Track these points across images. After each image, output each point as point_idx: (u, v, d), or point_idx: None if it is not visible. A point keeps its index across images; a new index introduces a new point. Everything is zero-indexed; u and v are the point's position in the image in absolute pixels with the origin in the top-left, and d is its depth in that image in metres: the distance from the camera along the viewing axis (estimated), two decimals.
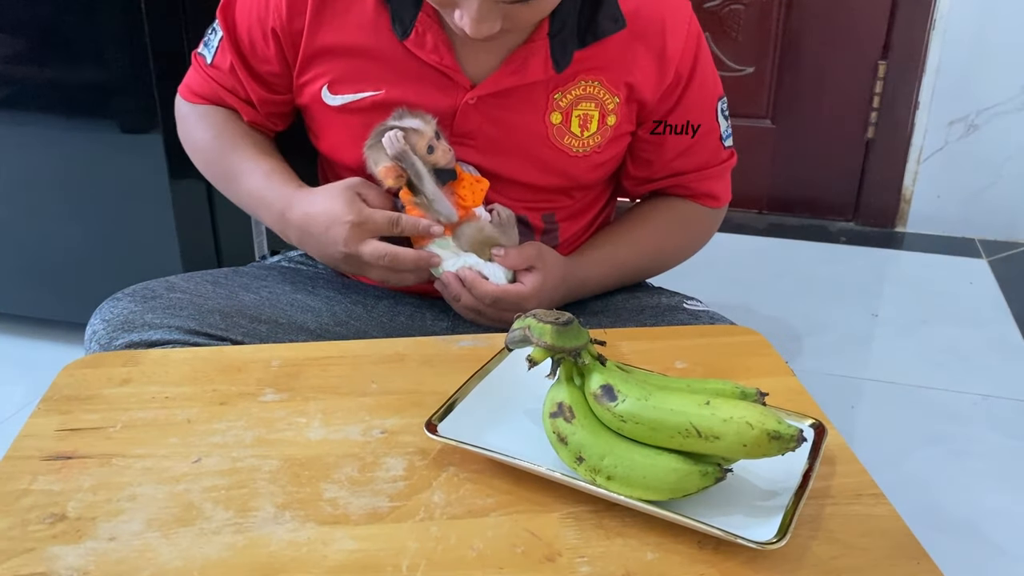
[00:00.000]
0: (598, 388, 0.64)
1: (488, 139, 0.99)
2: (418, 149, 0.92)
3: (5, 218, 1.95)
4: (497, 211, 0.97)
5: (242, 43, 1.02)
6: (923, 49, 2.60)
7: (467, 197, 0.95)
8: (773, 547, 0.56)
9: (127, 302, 0.92)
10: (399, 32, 0.95)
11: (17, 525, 0.61)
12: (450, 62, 0.96)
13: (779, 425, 0.58)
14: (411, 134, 0.92)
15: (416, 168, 0.92)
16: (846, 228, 2.78)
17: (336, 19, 0.97)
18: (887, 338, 2.07)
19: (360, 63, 0.98)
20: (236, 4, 1.03)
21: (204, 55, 1.07)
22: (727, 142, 1.11)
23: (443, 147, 0.93)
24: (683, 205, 1.12)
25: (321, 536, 0.60)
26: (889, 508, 0.64)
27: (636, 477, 0.60)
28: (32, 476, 0.66)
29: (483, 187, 0.96)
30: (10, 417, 1.69)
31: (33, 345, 1.94)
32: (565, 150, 1.01)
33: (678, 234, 1.14)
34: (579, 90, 0.99)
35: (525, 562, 0.58)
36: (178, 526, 0.61)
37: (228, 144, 1.05)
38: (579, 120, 1.00)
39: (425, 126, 0.92)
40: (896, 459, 1.59)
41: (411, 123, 0.92)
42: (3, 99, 1.90)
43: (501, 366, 0.77)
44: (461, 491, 0.65)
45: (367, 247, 0.90)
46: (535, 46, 0.96)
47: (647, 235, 1.11)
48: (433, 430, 0.67)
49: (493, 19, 0.84)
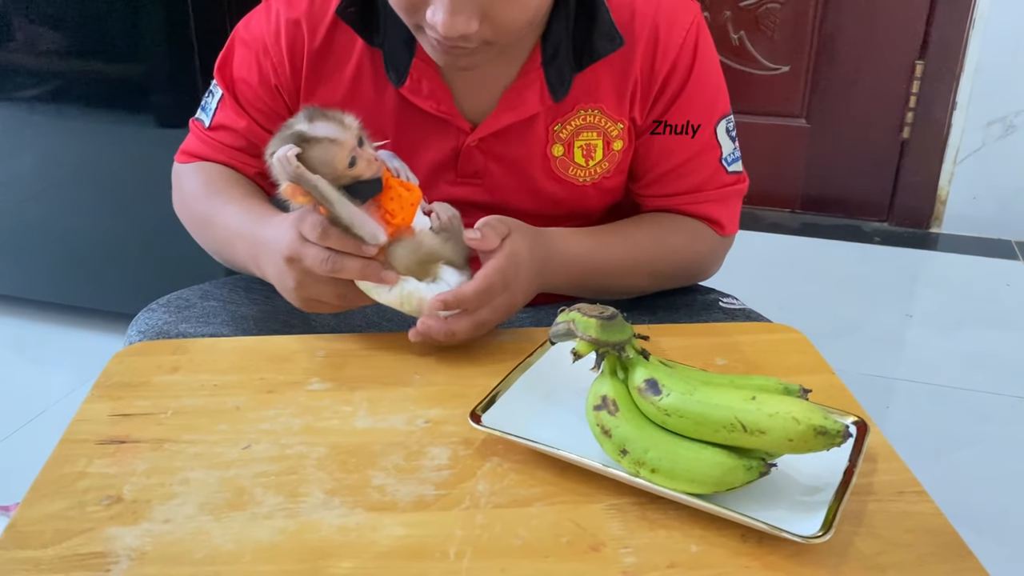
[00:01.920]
0: (642, 382, 0.65)
1: (494, 178, 0.98)
2: (336, 164, 0.74)
3: (52, 211, 1.99)
4: (437, 213, 0.82)
5: (244, 98, 0.99)
6: (962, 49, 2.58)
7: (396, 212, 0.78)
8: (818, 541, 0.56)
9: (161, 312, 0.93)
10: (394, 79, 0.93)
11: (75, 506, 0.62)
12: (448, 108, 0.94)
13: (825, 420, 0.58)
14: (325, 146, 0.74)
15: (321, 192, 0.74)
16: (880, 228, 2.77)
17: (332, 76, 0.96)
18: (922, 339, 2.06)
19: (359, 117, 0.97)
20: (233, 63, 0.99)
21: (202, 119, 1.02)
22: (732, 166, 1.02)
23: (367, 155, 0.76)
24: (687, 220, 1.03)
25: (370, 522, 0.61)
26: (932, 506, 0.64)
27: (680, 470, 0.61)
28: (88, 459, 0.67)
29: (415, 197, 0.80)
30: (58, 402, 1.73)
31: (79, 334, 1.99)
32: (571, 181, 0.99)
33: (677, 237, 1.02)
34: (579, 120, 0.96)
35: (570, 551, 0.59)
36: (230, 510, 0.62)
37: (214, 188, 0.98)
38: (582, 151, 0.98)
39: (343, 133, 0.74)
40: (931, 460, 1.59)
41: (324, 130, 0.74)
42: (50, 94, 1.94)
43: (543, 359, 0.78)
44: (505, 481, 0.66)
45: (311, 249, 0.78)
46: (529, 78, 0.93)
47: (639, 228, 1.01)
48: (477, 420, 0.68)
49: (469, 12, 0.77)
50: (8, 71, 1.93)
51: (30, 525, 0.60)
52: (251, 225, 0.90)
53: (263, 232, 0.86)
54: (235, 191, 0.97)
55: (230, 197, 0.96)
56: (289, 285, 0.81)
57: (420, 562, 0.57)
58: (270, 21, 0.96)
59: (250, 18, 0.99)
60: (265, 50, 0.96)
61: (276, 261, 0.82)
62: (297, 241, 0.78)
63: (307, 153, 0.73)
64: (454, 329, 0.80)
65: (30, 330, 2.05)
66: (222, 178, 1.00)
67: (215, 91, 1.01)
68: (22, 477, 1.49)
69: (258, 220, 0.89)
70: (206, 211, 0.97)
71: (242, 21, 1.00)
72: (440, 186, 1.00)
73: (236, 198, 0.95)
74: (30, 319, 2.09)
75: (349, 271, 0.78)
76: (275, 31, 0.96)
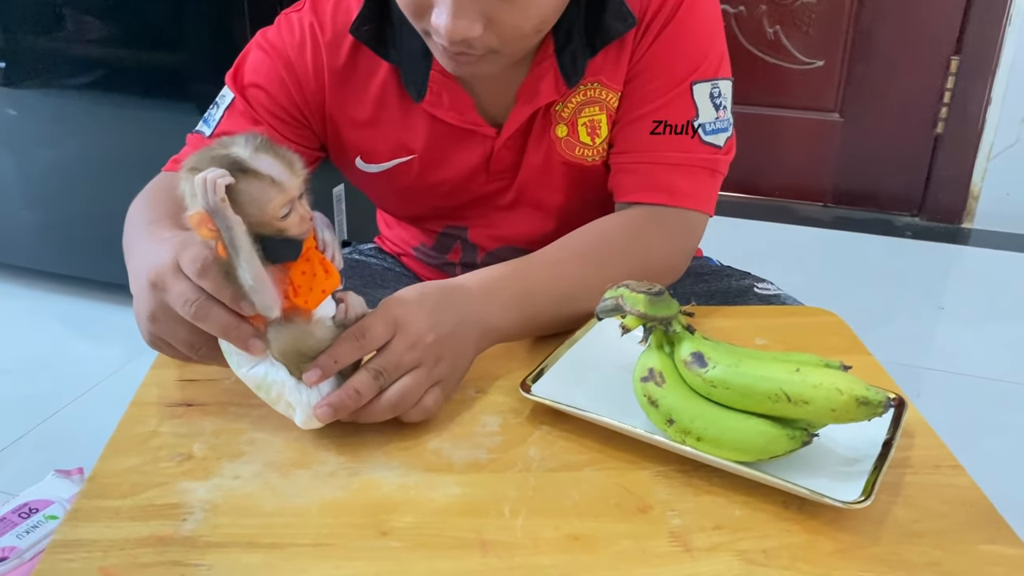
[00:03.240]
0: (689, 355, 0.67)
1: (522, 170, 0.98)
2: (269, 209, 0.61)
3: (102, 194, 2.05)
4: (349, 305, 0.68)
5: (260, 105, 0.94)
6: (997, 45, 2.58)
7: (303, 291, 0.64)
8: (858, 507, 0.59)
9: None
10: (414, 94, 0.92)
11: (149, 462, 0.66)
12: (471, 117, 0.93)
13: (867, 391, 0.60)
14: (264, 185, 0.61)
15: (234, 236, 0.61)
16: (912, 223, 2.77)
17: (357, 94, 0.95)
18: (953, 330, 2.08)
19: (387, 133, 0.96)
20: (250, 69, 0.95)
21: (202, 131, 0.96)
22: (710, 136, 0.92)
23: (303, 212, 0.63)
24: (631, 211, 0.93)
25: (428, 481, 0.64)
26: (968, 479, 0.66)
27: (726, 439, 0.64)
28: (158, 420, 0.71)
29: (331, 284, 0.66)
30: (111, 375, 1.78)
31: (129, 312, 2.04)
32: (579, 162, 0.96)
33: (617, 230, 0.91)
34: (579, 96, 0.93)
35: (619, 513, 0.62)
36: (295, 468, 0.65)
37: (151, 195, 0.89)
38: (586, 128, 0.94)
39: (291, 179, 0.62)
40: (962, 446, 1.59)
41: (269, 167, 0.61)
42: (96, 83, 1.99)
43: (589, 335, 0.81)
44: (555, 447, 0.69)
45: (181, 283, 0.65)
46: (543, 68, 0.91)
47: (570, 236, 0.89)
48: (527, 389, 0.71)
49: (472, 16, 0.76)
50: (58, 60, 1.99)
51: (108, 478, 0.64)
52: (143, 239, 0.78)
53: (143, 246, 0.76)
54: (164, 204, 0.83)
55: (155, 209, 0.84)
56: (142, 312, 0.70)
57: (477, 519, 0.61)
58: (293, 32, 0.94)
59: (269, 29, 0.96)
60: (287, 61, 0.93)
61: (139, 280, 0.70)
62: (169, 268, 0.65)
63: (238, 186, 0.60)
64: (355, 386, 0.66)
65: (81, 307, 2.13)
66: (164, 188, 0.89)
67: (222, 100, 0.96)
68: (82, 444, 1.56)
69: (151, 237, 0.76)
70: (130, 215, 0.88)
71: (260, 33, 0.97)
72: (472, 188, 1.00)
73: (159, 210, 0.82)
74: (81, 297, 2.17)
75: (214, 324, 0.64)
76: (299, 43, 0.93)
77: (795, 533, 0.60)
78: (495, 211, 1.03)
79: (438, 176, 0.98)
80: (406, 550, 0.58)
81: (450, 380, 0.72)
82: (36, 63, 2.00)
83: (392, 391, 0.67)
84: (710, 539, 0.59)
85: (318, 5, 0.94)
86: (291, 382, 0.66)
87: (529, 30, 0.81)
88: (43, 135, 2.10)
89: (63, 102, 2.04)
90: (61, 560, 0.57)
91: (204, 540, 0.58)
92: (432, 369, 0.70)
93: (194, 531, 0.59)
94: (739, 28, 2.79)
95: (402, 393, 0.68)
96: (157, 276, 0.66)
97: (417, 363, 0.69)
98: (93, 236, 2.10)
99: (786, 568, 0.57)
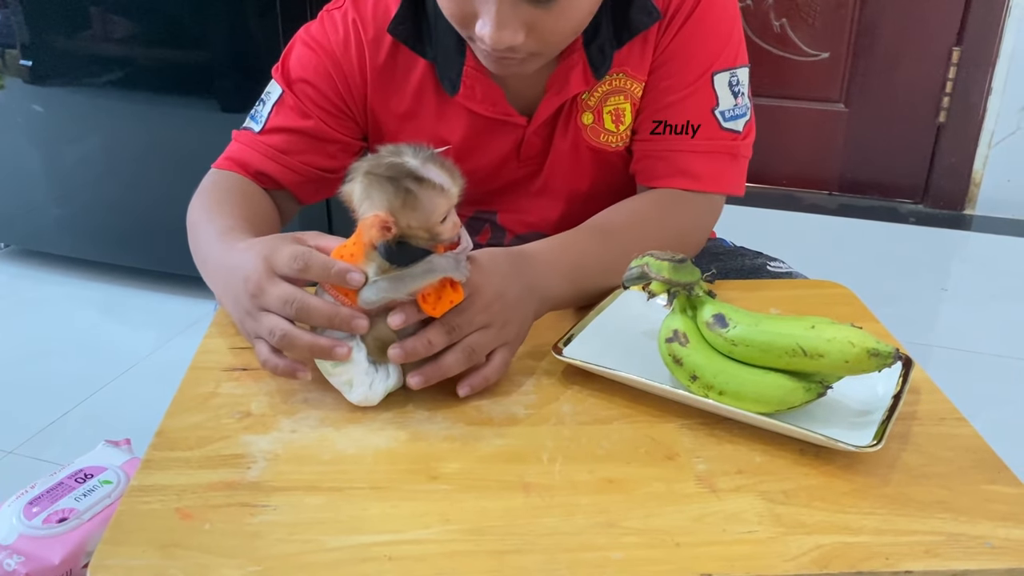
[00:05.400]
0: (711, 317, 0.72)
1: (550, 157, 1.02)
2: (433, 218, 0.67)
3: (137, 183, 2.12)
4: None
5: (308, 99, 0.98)
6: (997, 36, 2.63)
7: (431, 299, 0.69)
8: (870, 450, 0.64)
9: None
10: (449, 89, 0.96)
11: (212, 419, 0.71)
12: (503, 108, 0.98)
13: (878, 344, 0.66)
14: (434, 194, 0.67)
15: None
16: (915, 210, 2.82)
17: (396, 89, 0.99)
18: (957, 310, 2.13)
19: (425, 125, 1.00)
20: (297, 65, 0.98)
21: (251, 127, 1.00)
22: (729, 123, 0.97)
23: (455, 219, 0.70)
24: (660, 192, 0.98)
25: (471, 433, 0.69)
26: (971, 429, 0.71)
27: (746, 392, 0.69)
28: (216, 383, 0.76)
29: (458, 297, 0.71)
30: (146, 358, 1.85)
31: (161, 297, 2.14)
32: (604, 148, 1.01)
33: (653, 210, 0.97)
34: (606, 85, 0.98)
35: (648, 459, 0.67)
36: (348, 424, 0.71)
37: (213, 199, 0.94)
38: (611, 116, 0.99)
39: (452, 187, 0.68)
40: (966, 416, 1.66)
41: (438, 176, 0.67)
42: (124, 80, 2.04)
43: (615, 304, 0.86)
44: (586, 403, 0.74)
45: (277, 287, 0.71)
46: (572, 60, 0.95)
47: (611, 212, 0.95)
48: (559, 352, 0.76)
49: (515, 26, 0.81)
50: (84, 58, 2.04)
51: (175, 432, 0.69)
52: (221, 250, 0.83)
53: (222, 257, 0.81)
54: (229, 207, 0.90)
55: (223, 214, 0.89)
56: (238, 315, 0.76)
57: (519, 465, 0.66)
58: (337, 29, 0.97)
59: (312, 25, 1.00)
60: (333, 57, 0.97)
61: (233, 288, 0.76)
62: (264, 274, 0.71)
63: (415, 193, 0.66)
64: (429, 336, 0.71)
65: (115, 293, 2.21)
66: (227, 190, 0.95)
67: (268, 96, 1.00)
68: (124, 419, 1.62)
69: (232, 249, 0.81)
70: (194, 219, 0.92)
71: (303, 28, 1.01)
72: (503, 174, 1.05)
73: (229, 212, 0.89)
74: (115, 283, 2.24)
75: (317, 315, 0.70)
76: (343, 40, 0.97)
77: (812, 476, 0.65)
78: (524, 197, 1.08)
79: (472, 164, 1.02)
80: (455, 491, 0.63)
81: (514, 344, 0.76)
82: (62, 61, 2.06)
83: (464, 343, 0.72)
84: (734, 482, 0.65)
85: (359, 2, 0.98)
86: (364, 364, 0.71)
87: (568, 32, 0.87)
88: (69, 131, 2.16)
89: (88, 100, 2.10)
90: (139, 502, 0.62)
91: (269, 485, 0.64)
92: (500, 330, 0.74)
93: (259, 477, 0.64)
94: (746, 21, 2.84)
95: (473, 347, 0.72)
96: (255, 286, 0.72)
97: (487, 324, 0.73)
98: (124, 226, 2.18)
99: (805, 506, 0.62)
